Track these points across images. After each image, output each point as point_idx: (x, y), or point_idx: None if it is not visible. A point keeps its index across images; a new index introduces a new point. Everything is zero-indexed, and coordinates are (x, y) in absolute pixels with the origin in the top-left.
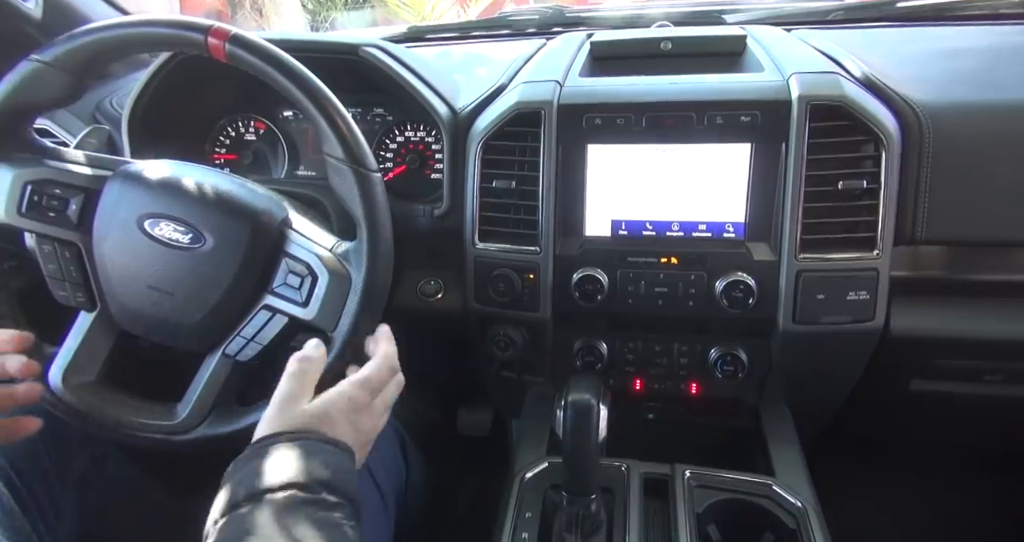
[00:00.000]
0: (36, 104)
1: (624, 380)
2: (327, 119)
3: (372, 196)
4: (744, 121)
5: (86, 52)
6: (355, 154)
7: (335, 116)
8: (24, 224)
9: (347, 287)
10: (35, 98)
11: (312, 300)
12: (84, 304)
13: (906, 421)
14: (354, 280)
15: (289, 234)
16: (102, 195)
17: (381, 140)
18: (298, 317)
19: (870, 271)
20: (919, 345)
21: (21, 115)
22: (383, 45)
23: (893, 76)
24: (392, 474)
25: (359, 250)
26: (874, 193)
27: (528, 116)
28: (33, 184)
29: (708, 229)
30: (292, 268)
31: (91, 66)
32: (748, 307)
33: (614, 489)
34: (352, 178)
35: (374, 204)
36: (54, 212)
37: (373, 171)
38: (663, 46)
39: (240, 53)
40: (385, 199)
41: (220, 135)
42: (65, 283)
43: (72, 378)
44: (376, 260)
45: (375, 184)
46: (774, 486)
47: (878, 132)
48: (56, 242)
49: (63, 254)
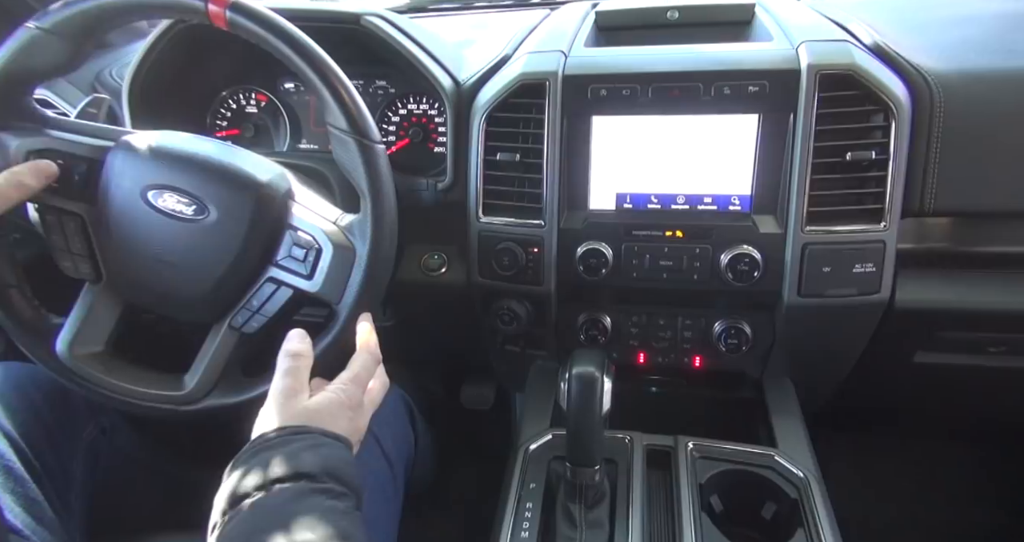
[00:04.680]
0: (35, 72)
1: (628, 353)
2: (330, 89)
3: (376, 168)
4: (752, 91)
5: (84, 18)
6: (359, 125)
7: (338, 86)
8: None
9: (351, 259)
10: (34, 66)
11: (317, 272)
12: (89, 275)
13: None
14: (358, 252)
15: (293, 207)
16: (105, 166)
17: (384, 113)
18: (303, 289)
19: (877, 243)
20: (924, 317)
21: (21, 83)
22: (386, 15)
23: (904, 44)
24: (401, 443)
25: (363, 222)
26: (883, 164)
27: (533, 87)
28: (35, 154)
29: (714, 202)
30: (296, 240)
31: (90, 33)
32: (753, 280)
33: (617, 460)
34: (356, 149)
35: (378, 176)
36: (57, 182)
37: (377, 142)
38: (670, 15)
39: (241, 20)
40: (389, 170)
41: (221, 107)
42: (69, 254)
43: (78, 348)
44: (380, 232)
45: (379, 155)
46: (776, 457)
47: (888, 101)
48: (60, 213)
49: (67, 225)
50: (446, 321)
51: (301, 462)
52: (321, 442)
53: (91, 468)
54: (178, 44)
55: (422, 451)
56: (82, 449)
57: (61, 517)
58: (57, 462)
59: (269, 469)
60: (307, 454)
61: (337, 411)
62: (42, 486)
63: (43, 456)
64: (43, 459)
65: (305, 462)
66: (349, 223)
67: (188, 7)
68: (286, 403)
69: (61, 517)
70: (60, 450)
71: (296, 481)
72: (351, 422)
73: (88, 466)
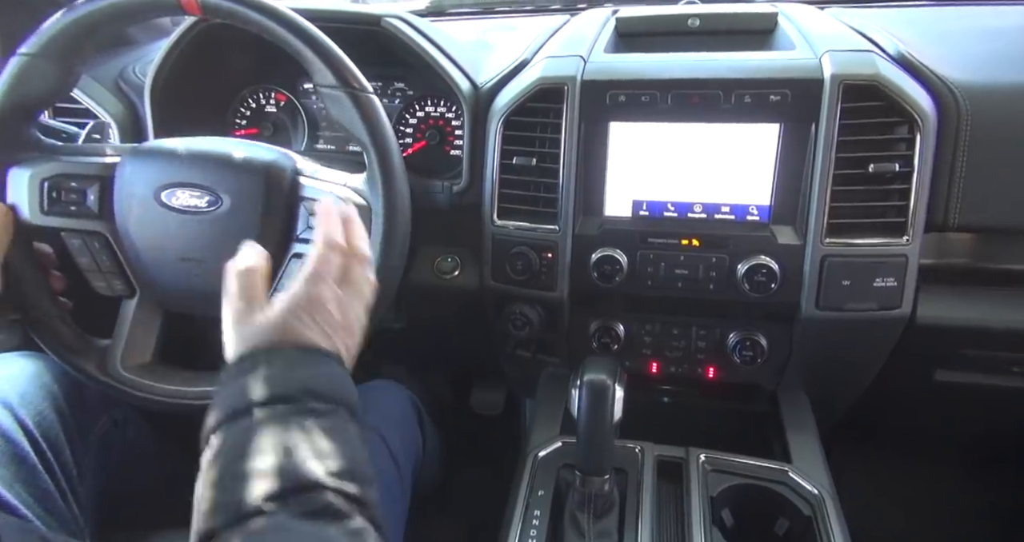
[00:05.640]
0: (33, 99)
1: (640, 362)
2: (312, 47)
3: (373, 117)
4: (773, 100)
5: (66, 36)
6: (345, 77)
7: (318, 43)
8: (49, 221)
9: (368, 216)
10: (31, 93)
11: None
12: (123, 291)
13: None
14: (374, 207)
15: (302, 180)
16: (115, 178)
17: (401, 115)
18: None
19: (899, 257)
20: (946, 335)
21: (23, 113)
22: (406, 17)
23: (930, 55)
24: (409, 446)
25: (372, 177)
26: (906, 177)
27: (551, 92)
28: (49, 180)
29: (731, 211)
30: (312, 211)
31: (77, 51)
32: (770, 291)
33: (627, 470)
34: (349, 103)
35: (377, 124)
36: (75, 205)
37: (367, 91)
38: (690, 23)
39: (216, 3)
40: (386, 119)
41: (241, 106)
42: (101, 274)
43: (128, 361)
44: (391, 182)
45: (374, 104)
46: (790, 473)
47: (913, 113)
48: (83, 235)
49: (92, 245)
50: (457, 324)
51: (272, 386)
52: (293, 358)
53: (103, 461)
54: (200, 43)
55: (430, 454)
56: (95, 442)
57: (71, 509)
58: (70, 454)
59: (237, 399)
60: (279, 376)
61: (304, 317)
62: (54, 477)
63: (56, 448)
64: (56, 451)
65: (277, 385)
66: (359, 181)
67: (159, 2)
68: (243, 324)
69: (71, 509)
70: (73, 442)
71: (269, 406)
72: (323, 325)
73: (100, 459)
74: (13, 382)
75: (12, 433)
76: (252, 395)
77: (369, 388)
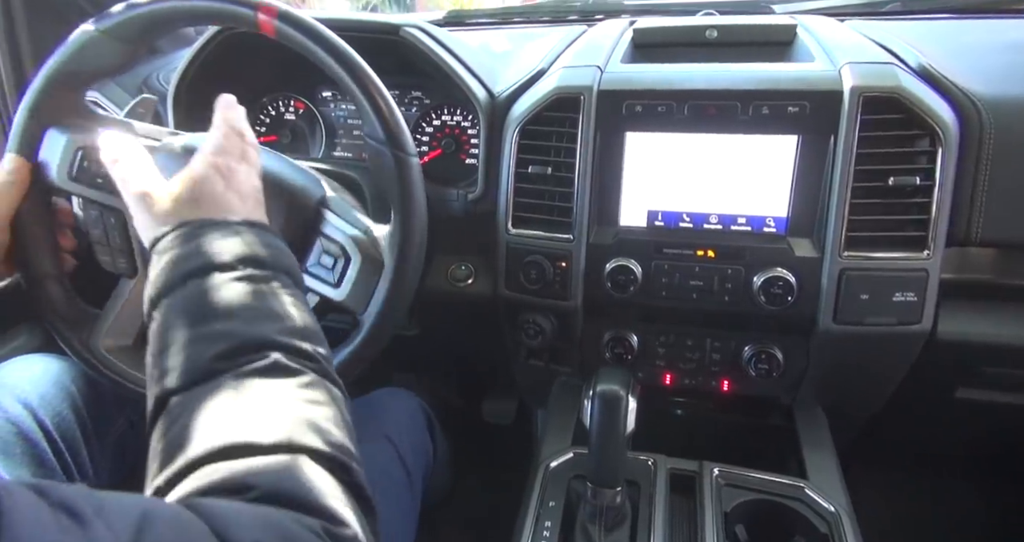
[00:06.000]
0: (90, 72)
1: (654, 373)
2: (370, 101)
3: (409, 181)
4: (791, 112)
5: (139, 22)
6: (396, 138)
7: (378, 98)
8: (74, 188)
9: (379, 270)
10: (90, 65)
11: (344, 281)
12: (125, 270)
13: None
14: (386, 264)
15: (325, 214)
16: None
17: (418, 123)
18: (329, 297)
19: (919, 272)
20: (967, 351)
21: (75, 82)
22: (424, 26)
23: (952, 68)
24: (419, 454)
25: (393, 235)
26: (928, 191)
27: (567, 101)
28: (84, 150)
29: (748, 222)
30: (326, 248)
31: (144, 36)
32: (787, 304)
33: (640, 483)
34: (391, 162)
35: (411, 190)
36: (101, 178)
37: (412, 155)
38: (708, 34)
39: (288, 30)
40: (422, 184)
41: (261, 113)
42: (108, 248)
43: (109, 340)
44: (409, 246)
45: (413, 169)
46: (806, 489)
47: (935, 126)
48: (102, 207)
49: (108, 220)
50: (470, 332)
51: (201, 256)
52: (223, 232)
53: (118, 462)
54: (222, 51)
55: (440, 462)
56: (111, 443)
57: None
58: (87, 454)
59: (169, 271)
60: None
61: (213, 188)
62: (71, 478)
63: (74, 448)
64: (74, 451)
65: (206, 255)
66: (379, 235)
67: (239, 15)
68: (149, 204)
69: None
70: (90, 443)
71: (200, 275)
72: (235, 192)
73: (116, 459)
74: (34, 383)
75: (32, 433)
76: (188, 265)
77: (379, 395)
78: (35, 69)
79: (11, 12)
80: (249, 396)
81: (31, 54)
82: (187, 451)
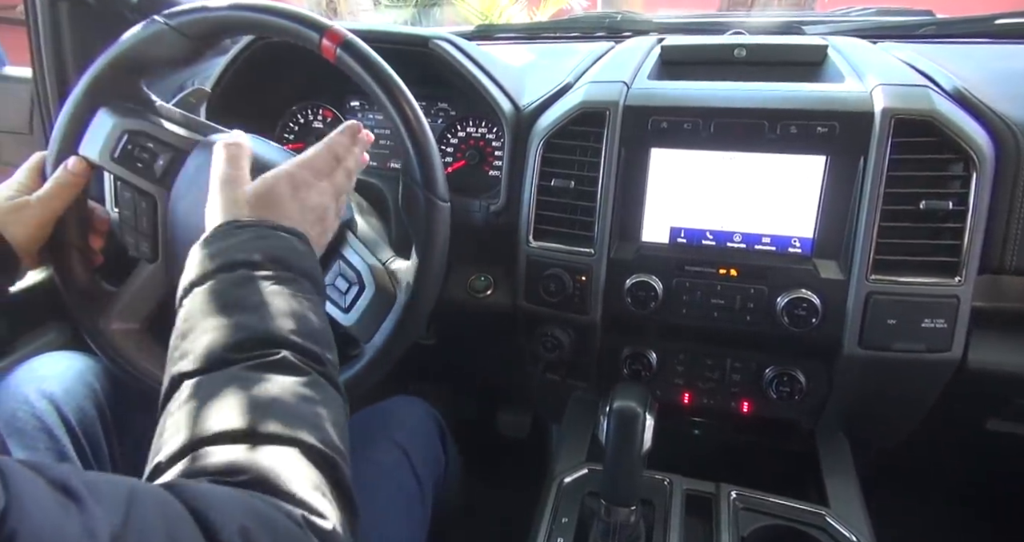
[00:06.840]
0: (153, 61)
1: (672, 392)
2: (414, 144)
3: (436, 225)
4: (820, 132)
5: (209, 23)
6: (431, 182)
7: (423, 141)
8: (113, 168)
9: (390, 304)
10: (154, 56)
11: (354, 308)
12: (147, 255)
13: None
14: (398, 299)
15: (348, 237)
16: (189, 158)
17: (443, 134)
18: (337, 321)
19: (950, 298)
20: (999, 381)
21: (137, 69)
22: (452, 39)
23: (988, 92)
24: (431, 465)
25: (409, 273)
26: (960, 216)
27: (593, 116)
28: (130, 134)
29: (772, 242)
30: (343, 271)
31: (211, 37)
32: (811, 326)
33: (655, 502)
34: (423, 203)
35: (436, 233)
36: (142, 163)
37: (444, 200)
38: (737, 53)
39: (349, 60)
40: (448, 229)
41: (290, 121)
42: (135, 231)
43: (118, 322)
44: (423, 286)
45: (442, 213)
46: (827, 517)
47: (969, 150)
48: (136, 191)
49: (139, 203)
50: (488, 343)
51: (237, 253)
52: (263, 234)
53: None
54: (255, 60)
55: (452, 473)
56: (132, 440)
57: None
58: (107, 452)
59: (208, 263)
60: (251, 245)
61: (283, 191)
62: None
63: (95, 444)
64: (95, 448)
65: (249, 252)
66: (397, 269)
67: (303, 36)
68: (227, 191)
69: None
70: (111, 440)
71: (235, 270)
72: (300, 203)
73: (134, 456)
74: (60, 379)
75: (55, 429)
76: (222, 260)
77: (393, 403)
78: (76, 78)
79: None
80: (255, 388)
81: (74, 67)
82: (190, 432)
